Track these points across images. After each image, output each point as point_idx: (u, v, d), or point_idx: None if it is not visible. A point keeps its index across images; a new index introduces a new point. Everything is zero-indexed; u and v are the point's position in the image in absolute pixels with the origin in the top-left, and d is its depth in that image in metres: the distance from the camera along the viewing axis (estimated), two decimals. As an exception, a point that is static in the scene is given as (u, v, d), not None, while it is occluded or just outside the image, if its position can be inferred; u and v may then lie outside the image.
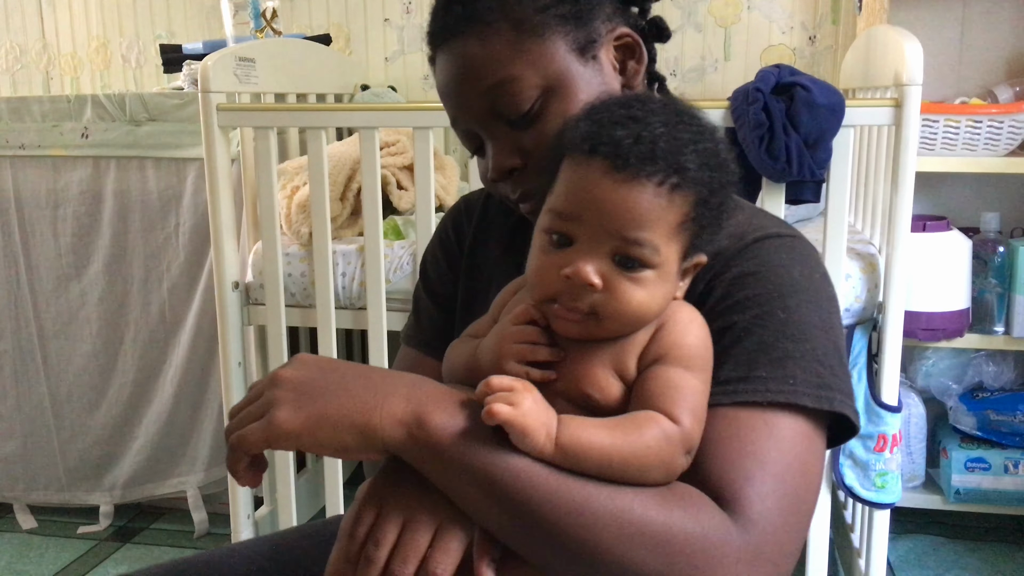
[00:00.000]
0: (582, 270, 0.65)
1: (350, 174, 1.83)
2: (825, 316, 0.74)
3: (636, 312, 0.66)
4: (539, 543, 0.64)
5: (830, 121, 1.45)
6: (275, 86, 1.94)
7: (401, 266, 1.76)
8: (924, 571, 1.92)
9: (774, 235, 0.77)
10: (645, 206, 0.65)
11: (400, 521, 0.65)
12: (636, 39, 0.82)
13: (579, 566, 0.63)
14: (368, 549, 0.64)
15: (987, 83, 2.11)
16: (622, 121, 0.66)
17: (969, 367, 2.06)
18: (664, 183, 0.65)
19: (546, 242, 0.68)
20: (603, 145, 0.65)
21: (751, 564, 0.63)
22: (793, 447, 0.68)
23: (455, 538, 0.64)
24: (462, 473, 0.64)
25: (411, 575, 0.63)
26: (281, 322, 1.76)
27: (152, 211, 1.99)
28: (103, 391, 2.11)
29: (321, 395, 0.66)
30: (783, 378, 0.69)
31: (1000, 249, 1.90)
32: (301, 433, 0.65)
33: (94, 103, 1.98)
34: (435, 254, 0.99)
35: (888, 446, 1.57)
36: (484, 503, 0.64)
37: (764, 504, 0.65)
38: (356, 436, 0.65)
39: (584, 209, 0.66)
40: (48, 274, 2.09)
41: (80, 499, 2.18)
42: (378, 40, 2.51)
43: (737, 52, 2.32)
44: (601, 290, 0.65)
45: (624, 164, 0.64)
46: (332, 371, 0.69)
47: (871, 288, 1.57)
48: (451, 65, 0.80)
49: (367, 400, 0.66)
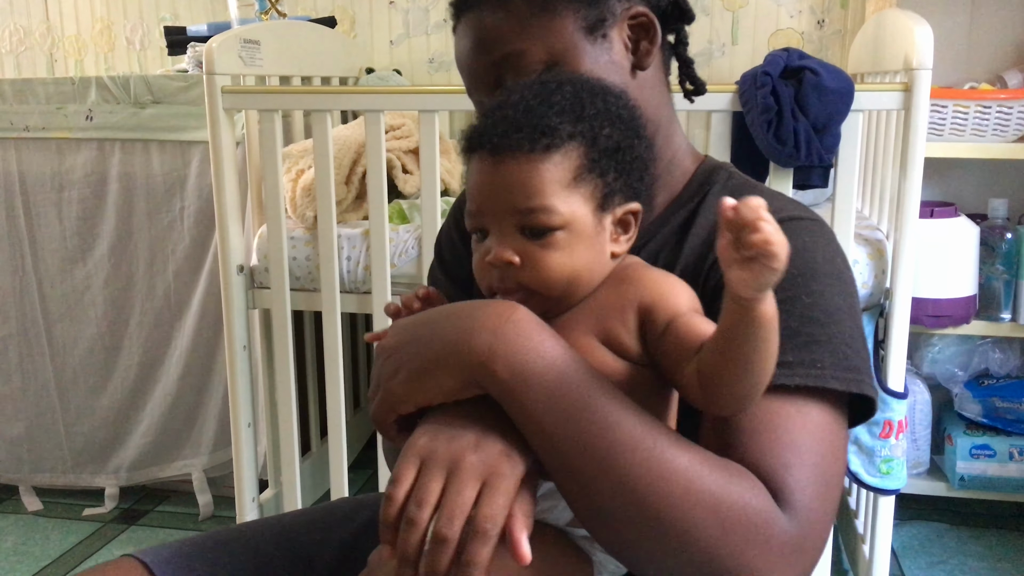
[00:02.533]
0: (498, 252, 0.68)
1: (355, 157, 1.82)
2: (849, 299, 0.75)
3: (561, 274, 0.68)
4: (606, 492, 0.63)
5: (839, 106, 1.44)
6: (280, 69, 1.93)
7: (406, 250, 1.75)
8: (928, 558, 1.92)
9: (796, 218, 0.77)
10: (524, 175, 0.67)
11: (443, 476, 0.62)
12: (651, 18, 0.82)
13: (639, 519, 0.63)
14: (410, 510, 0.61)
15: (996, 68, 2.10)
16: (489, 112, 0.71)
17: (975, 354, 2.06)
18: (535, 148, 0.67)
19: (474, 241, 0.73)
20: (475, 137, 0.70)
21: (794, 552, 0.64)
22: (825, 433, 0.69)
23: (502, 491, 0.62)
24: (545, 412, 0.63)
25: (458, 532, 0.60)
26: (286, 306, 1.76)
27: (157, 194, 1.99)
28: (108, 374, 2.12)
29: (416, 350, 0.68)
30: (811, 363, 0.70)
31: (1008, 236, 1.89)
32: (410, 393, 0.68)
33: (98, 85, 1.97)
34: (450, 235, 1.00)
35: (894, 432, 1.57)
36: (561, 444, 0.63)
37: (805, 494, 0.65)
38: (456, 376, 0.66)
39: (481, 201, 0.70)
40: (53, 257, 2.09)
41: (85, 481, 2.19)
42: (383, 23, 2.50)
43: (745, 36, 2.30)
44: (521, 265, 0.68)
45: (494, 147, 0.68)
46: (423, 324, 0.70)
47: (878, 274, 1.57)
48: (466, 36, 0.81)
49: (455, 339, 0.66)
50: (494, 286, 0.70)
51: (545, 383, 0.64)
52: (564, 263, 0.68)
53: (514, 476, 0.63)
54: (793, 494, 0.65)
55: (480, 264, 0.71)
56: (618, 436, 0.63)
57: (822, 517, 0.67)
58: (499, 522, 0.60)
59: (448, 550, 0.60)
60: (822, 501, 0.67)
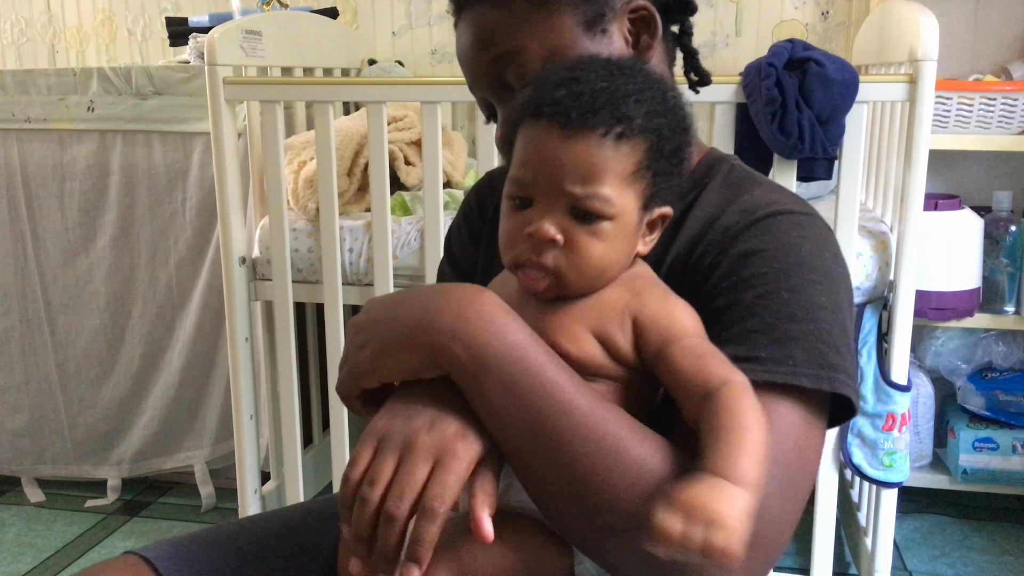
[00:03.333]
0: (542, 226, 0.66)
1: (357, 149, 1.82)
2: (832, 296, 0.73)
3: (598, 264, 0.68)
4: (556, 476, 0.64)
5: (844, 97, 1.43)
6: (282, 60, 1.92)
7: (408, 242, 1.75)
8: (930, 550, 1.92)
9: (786, 212, 0.76)
10: (593, 158, 0.66)
11: (396, 456, 0.63)
12: (652, 11, 0.81)
13: (586, 506, 0.63)
14: (362, 489, 0.63)
15: (1001, 60, 2.09)
16: (563, 82, 0.68)
17: (978, 347, 2.05)
18: (608, 133, 0.66)
19: (509, 207, 0.70)
20: (546, 106, 0.67)
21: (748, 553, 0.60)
22: (791, 433, 0.67)
23: (452, 470, 0.62)
24: (502, 395, 0.64)
25: (407, 511, 0.61)
26: (288, 298, 1.76)
27: (159, 185, 1.99)
28: (111, 365, 2.12)
29: (383, 327, 0.69)
30: (783, 359, 0.68)
31: (1012, 228, 1.89)
32: (374, 368, 0.69)
33: (100, 76, 1.97)
34: (459, 229, 1.00)
35: (897, 425, 1.57)
36: (516, 427, 0.64)
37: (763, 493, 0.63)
38: (417, 355, 0.67)
39: (537, 170, 0.67)
40: (55, 248, 2.09)
41: (88, 473, 2.19)
42: (385, 14, 2.49)
43: (749, 27, 2.29)
44: (562, 245, 0.67)
45: (567, 121, 0.66)
46: (394, 303, 0.71)
47: (882, 267, 1.56)
48: (467, 32, 0.81)
49: (419, 317, 0.67)
50: (522, 258, 0.68)
51: (502, 367, 0.64)
52: (603, 254, 0.68)
53: (468, 457, 0.64)
54: None
55: (514, 232, 0.69)
56: (571, 423, 0.63)
57: (780, 516, 0.65)
58: (447, 500, 0.61)
59: (396, 528, 0.62)
60: (782, 502, 0.65)
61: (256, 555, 0.88)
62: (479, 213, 0.99)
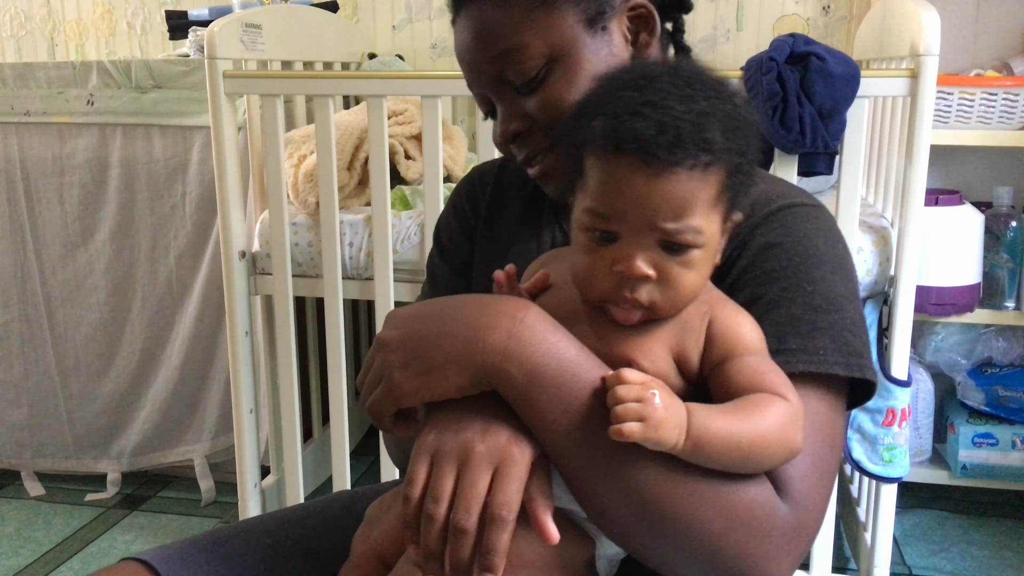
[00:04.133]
0: (635, 264, 0.64)
1: (357, 143, 1.81)
2: (849, 284, 0.76)
3: (692, 292, 0.67)
4: (614, 490, 0.64)
5: (845, 92, 1.43)
6: (282, 53, 1.92)
7: (409, 236, 1.75)
8: (930, 546, 1.92)
9: (799, 204, 0.78)
10: (683, 194, 0.64)
11: (455, 469, 0.63)
12: (650, 10, 0.82)
13: (645, 516, 0.64)
14: (427, 506, 0.63)
15: (1003, 55, 2.08)
16: (639, 111, 0.64)
17: (978, 342, 2.05)
18: (696, 166, 0.64)
19: (589, 240, 0.67)
20: (627, 143, 0.64)
21: (792, 539, 0.66)
22: (824, 421, 0.71)
23: (514, 476, 0.62)
24: (559, 414, 0.64)
25: (475, 522, 0.61)
26: (288, 292, 1.76)
27: (158, 179, 1.98)
28: (110, 359, 2.12)
29: (426, 346, 0.67)
30: (813, 349, 0.71)
31: (1012, 224, 1.88)
32: (419, 389, 0.67)
33: (99, 70, 1.96)
34: (449, 223, 1.00)
35: (897, 420, 1.57)
36: (571, 443, 0.64)
37: (805, 483, 0.67)
38: (468, 376, 0.66)
39: (623, 207, 0.65)
40: (54, 242, 2.09)
41: (87, 467, 2.19)
42: (385, 8, 2.48)
43: (750, 22, 2.29)
44: (655, 280, 0.65)
45: (653, 158, 0.63)
46: (430, 318, 0.69)
47: (883, 262, 1.56)
48: (467, 30, 0.81)
49: (468, 336, 0.66)
50: (612, 295, 0.66)
51: (558, 385, 0.64)
52: (696, 282, 0.67)
53: (524, 460, 0.64)
54: (794, 483, 0.67)
55: (601, 269, 0.66)
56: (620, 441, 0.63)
57: (819, 503, 0.69)
58: (514, 507, 0.62)
59: (468, 540, 0.62)
60: (820, 488, 0.69)
61: (256, 559, 0.88)
62: (471, 209, 0.98)
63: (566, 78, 0.78)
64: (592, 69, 0.78)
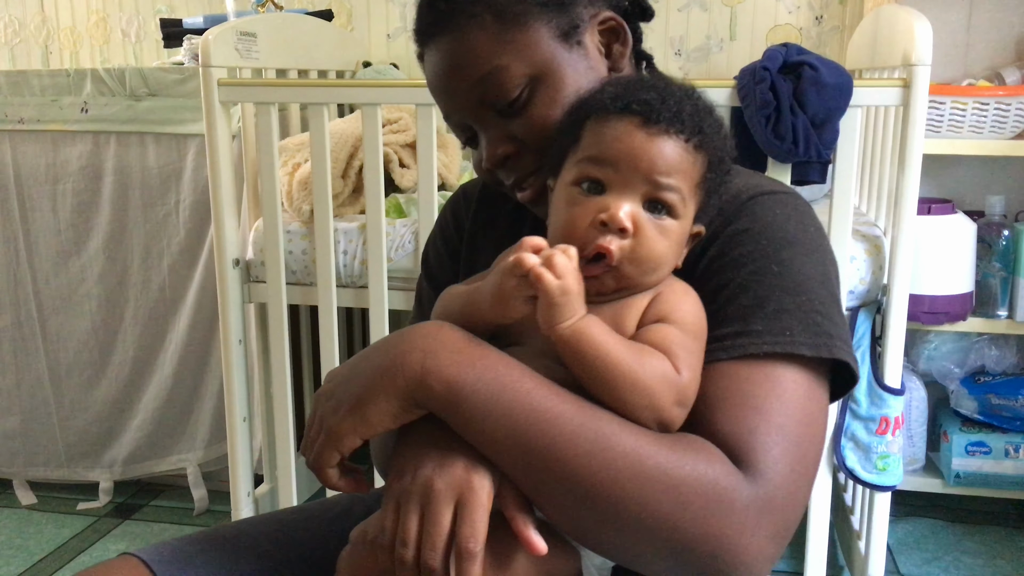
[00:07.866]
0: (618, 214, 0.68)
1: (352, 151, 1.81)
2: (820, 267, 0.75)
3: (659, 257, 0.70)
4: (558, 485, 0.64)
5: (838, 101, 1.43)
6: (276, 62, 1.92)
7: (403, 244, 1.75)
8: (923, 554, 1.92)
9: (768, 192, 0.78)
10: (676, 156, 0.70)
11: (419, 510, 0.65)
12: (620, 22, 0.83)
13: (595, 507, 0.64)
14: (397, 552, 0.65)
15: (995, 65, 2.09)
16: (647, 87, 0.72)
17: (971, 351, 2.06)
18: (690, 140, 0.70)
19: (576, 193, 0.71)
20: (635, 103, 0.70)
21: (760, 513, 0.65)
22: (795, 397, 0.69)
23: (476, 505, 0.64)
24: (485, 419, 0.65)
25: (443, 559, 0.63)
26: (282, 300, 1.75)
27: (152, 187, 1.98)
28: (103, 368, 2.11)
29: (351, 385, 0.69)
30: (780, 330, 0.70)
31: (1005, 233, 1.89)
32: (355, 427, 0.69)
33: (94, 77, 1.96)
34: (436, 245, 1.00)
35: (890, 429, 1.57)
36: (507, 446, 0.65)
37: (769, 455, 0.66)
38: (395, 401, 0.67)
39: (618, 154, 0.70)
40: (48, 250, 2.08)
41: (80, 475, 2.18)
42: (380, 16, 2.49)
43: (743, 32, 2.30)
44: (631, 235, 0.68)
45: (656, 118, 0.70)
46: (356, 362, 0.71)
47: (875, 270, 1.56)
48: (439, 61, 0.81)
49: (388, 364, 0.68)
50: (588, 240, 0.69)
51: (479, 391, 0.65)
52: (664, 250, 0.70)
53: (483, 488, 0.65)
54: (758, 456, 0.66)
55: (583, 220, 0.69)
56: (558, 430, 0.64)
57: (790, 477, 0.67)
58: (480, 537, 0.63)
59: None
60: (790, 463, 0.67)
61: (253, 557, 0.88)
62: (455, 229, 0.98)
63: (550, 96, 0.78)
64: (574, 84, 0.78)
